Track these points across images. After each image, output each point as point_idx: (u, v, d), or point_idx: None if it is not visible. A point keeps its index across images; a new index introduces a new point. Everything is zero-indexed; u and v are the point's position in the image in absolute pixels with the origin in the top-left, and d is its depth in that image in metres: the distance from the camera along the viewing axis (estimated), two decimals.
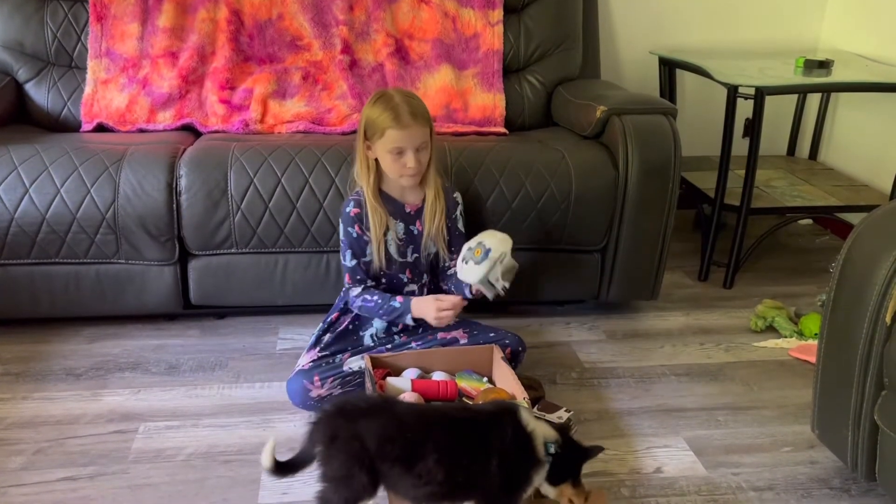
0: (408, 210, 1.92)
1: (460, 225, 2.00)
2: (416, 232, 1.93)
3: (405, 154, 1.78)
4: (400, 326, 1.97)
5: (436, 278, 2.03)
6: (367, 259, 1.90)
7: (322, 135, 2.35)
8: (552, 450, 1.40)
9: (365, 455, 1.32)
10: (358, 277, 1.91)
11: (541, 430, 1.42)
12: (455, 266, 1.89)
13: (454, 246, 1.95)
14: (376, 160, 1.84)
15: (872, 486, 1.64)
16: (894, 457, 1.45)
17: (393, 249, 1.91)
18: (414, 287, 1.98)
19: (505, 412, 1.43)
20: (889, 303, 1.40)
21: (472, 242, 1.82)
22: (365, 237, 1.88)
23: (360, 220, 1.88)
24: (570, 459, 1.45)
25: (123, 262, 2.10)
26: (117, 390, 1.95)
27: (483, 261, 1.77)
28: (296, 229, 2.09)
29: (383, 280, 1.95)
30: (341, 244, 1.91)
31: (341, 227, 1.91)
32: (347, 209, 1.89)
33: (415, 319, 1.89)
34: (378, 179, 1.88)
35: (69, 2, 2.47)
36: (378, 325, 1.97)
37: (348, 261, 1.90)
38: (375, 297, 1.89)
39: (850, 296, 1.49)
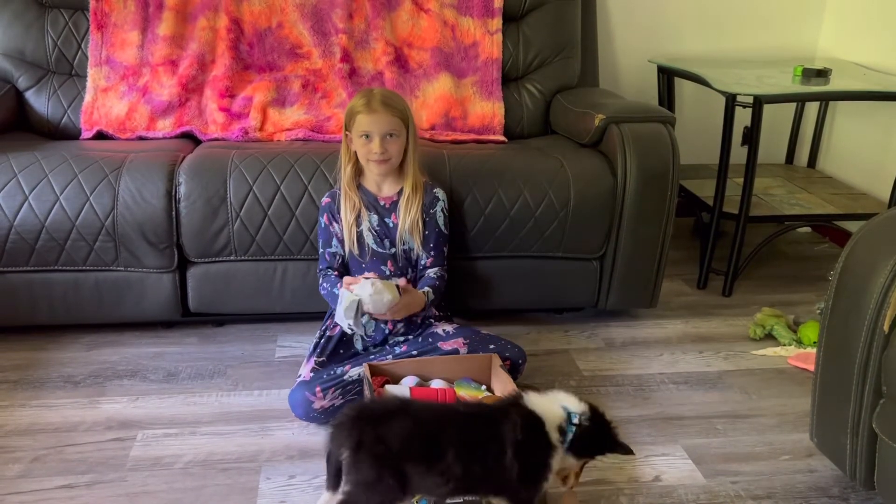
0: (381, 202, 2.00)
1: (441, 223, 2.02)
2: (391, 224, 1.98)
3: (372, 139, 1.88)
4: (390, 327, 1.97)
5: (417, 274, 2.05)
6: (333, 250, 2.00)
7: (321, 142, 2.35)
8: (576, 420, 1.42)
9: (391, 457, 1.33)
10: (323, 266, 2.01)
11: (556, 411, 1.43)
12: (429, 263, 2.01)
13: (431, 242, 2.00)
14: (356, 153, 1.95)
15: (871, 495, 1.64)
16: (893, 465, 1.45)
17: (370, 239, 1.98)
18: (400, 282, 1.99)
19: (512, 403, 1.44)
20: (887, 310, 1.40)
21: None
22: (332, 228, 1.99)
23: (330, 210, 1.99)
24: (597, 434, 1.45)
25: (122, 269, 2.10)
26: (115, 398, 1.94)
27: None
28: (295, 236, 2.10)
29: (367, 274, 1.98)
30: None
31: None
32: (322, 199, 2.02)
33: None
34: (357, 172, 1.99)
35: (70, 10, 2.48)
36: (367, 327, 1.97)
37: (320, 247, 2.02)
38: (326, 285, 1.98)
39: (849, 304, 1.49)
